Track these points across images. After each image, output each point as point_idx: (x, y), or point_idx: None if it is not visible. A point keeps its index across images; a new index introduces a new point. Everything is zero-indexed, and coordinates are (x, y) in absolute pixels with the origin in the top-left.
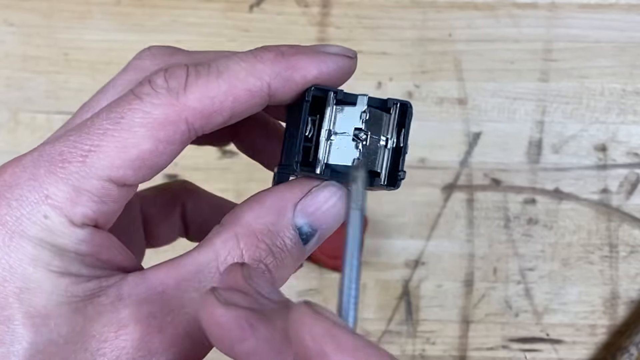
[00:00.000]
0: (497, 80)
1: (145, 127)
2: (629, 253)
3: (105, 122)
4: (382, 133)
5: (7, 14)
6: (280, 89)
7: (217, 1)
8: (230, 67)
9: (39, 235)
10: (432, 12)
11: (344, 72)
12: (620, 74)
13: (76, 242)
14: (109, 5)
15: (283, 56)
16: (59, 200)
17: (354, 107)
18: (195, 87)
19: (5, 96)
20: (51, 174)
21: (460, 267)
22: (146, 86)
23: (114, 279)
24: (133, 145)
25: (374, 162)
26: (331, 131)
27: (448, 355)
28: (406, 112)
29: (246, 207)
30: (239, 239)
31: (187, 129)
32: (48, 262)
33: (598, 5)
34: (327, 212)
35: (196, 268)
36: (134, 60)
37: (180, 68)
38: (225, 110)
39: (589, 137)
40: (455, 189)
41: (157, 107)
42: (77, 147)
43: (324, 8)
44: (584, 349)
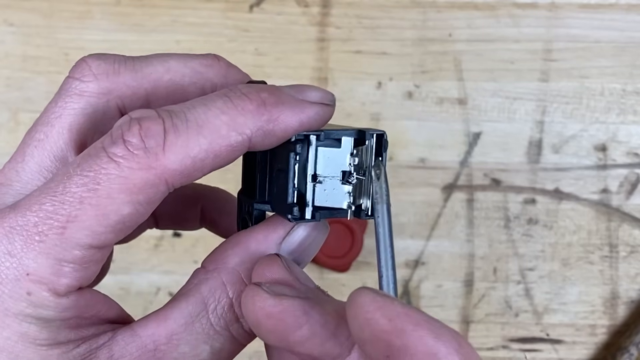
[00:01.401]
0: (497, 80)
1: (125, 193)
2: (629, 253)
3: (79, 189)
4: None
5: (7, 14)
6: (260, 142)
7: (217, 1)
8: (211, 120)
9: (23, 311)
10: (432, 12)
11: (323, 120)
12: (620, 74)
13: (62, 310)
14: (109, 5)
15: (265, 107)
16: (41, 275)
17: (338, 149)
18: (175, 147)
19: (5, 96)
20: (29, 249)
21: (460, 267)
22: (120, 146)
23: (103, 338)
24: (113, 212)
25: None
26: (316, 175)
27: None
28: (382, 142)
29: (230, 251)
30: (228, 287)
31: (167, 189)
32: (35, 336)
33: (598, 5)
34: (310, 246)
35: (186, 320)
36: (74, 82)
37: (157, 123)
38: (205, 167)
39: (589, 137)
40: (455, 189)
41: (135, 171)
42: (52, 218)
43: (324, 8)
44: (584, 349)
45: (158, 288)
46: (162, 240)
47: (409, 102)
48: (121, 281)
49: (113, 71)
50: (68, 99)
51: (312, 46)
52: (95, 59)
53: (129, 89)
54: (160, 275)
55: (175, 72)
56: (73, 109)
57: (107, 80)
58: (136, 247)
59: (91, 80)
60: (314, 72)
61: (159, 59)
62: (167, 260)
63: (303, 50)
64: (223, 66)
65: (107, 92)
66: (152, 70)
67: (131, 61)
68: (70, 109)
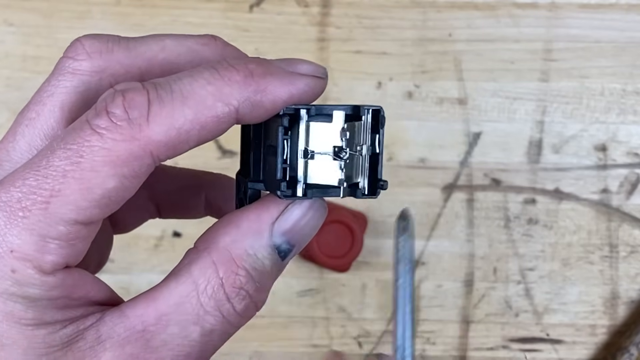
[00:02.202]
0: (497, 80)
1: (109, 166)
2: (629, 253)
3: (63, 162)
4: (359, 142)
5: (7, 14)
6: (248, 114)
7: (217, 1)
8: (196, 91)
9: (8, 290)
10: (432, 12)
11: (314, 93)
12: (620, 74)
13: (48, 289)
14: (109, 5)
15: (252, 77)
16: (25, 252)
17: (329, 123)
18: (159, 118)
19: (5, 96)
20: (13, 225)
21: (460, 267)
22: (104, 118)
23: (91, 319)
24: (97, 186)
25: (355, 174)
26: (307, 150)
27: (448, 355)
28: (378, 118)
29: (222, 230)
30: (218, 267)
31: (153, 161)
32: (21, 316)
33: (598, 5)
34: (305, 226)
35: (176, 301)
36: (68, 61)
37: (140, 94)
38: (191, 139)
39: (589, 137)
40: (455, 189)
41: (119, 143)
42: (35, 192)
43: (324, 8)
44: (584, 349)
45: None
46: (162, 240)
47: (409, 102)
48: (121, 281)
49: (107, 49)
50: (61, 77)
51: (312, 46)
52: (89, 38)
53: (122, 67)
54: (160, 276)
55: (171, 51)
56: (65, 87)
57: (100, 59)
58: (136, 247)
59: (84, 59)
60: None
61: (154, 38)
62: (167, 260)
63: (303, 50)
64: (220, 45)
65: (100, 70)
66: (146, 49)
67: (125, 40)
68: (63, 87)
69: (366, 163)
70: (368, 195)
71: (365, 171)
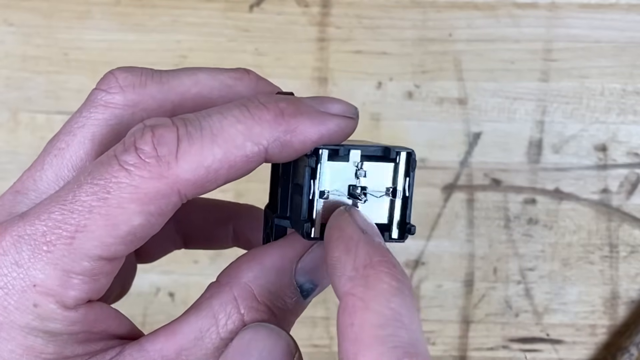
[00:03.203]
0: (497, 80)
1: (135, 203)
2: (629, 253)
3: (89, 197)
4: (385, 184)
5: (7, 14)
6: (277, 154)
7: (217, 1)
8: (226, 129)
9: (30, 324)
10: (432, 12)
11: (345, 133)
12: (620, 74)
13: (69, 324)
14: (109, 5)
15: (283, 117)
16: (48, 286)
17: (346, 162)
18: (188, 156)
19: (5, 96)
20: (37, 259)
21: (460, 267)
22: (132, 154)
23: (111, 353)
24: (123, 222)
25: (378, 215)
26: (324, 192)
27: (448, 355)
28: (409, 161)
29: (245, 265)
30: (239, 303)
31: (179, 199)
32: (41, 350)
33: (598, 5)
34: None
35: (195, 335)
36: (101, 93)
37: (170, 131)
38: (220, 178)
39: (589, 137)
40: (455, 189)
41: (146, 180)
42: (61, 227)
43: (324, 8)
44: (584, 349)
45: (158, 288)
46: None
47: (409, 102)
48: None
49: (140, 83)
50: (93, 110)
51: (312, 46)
52: (123, 71)
53: (155, 101)
54: (160, 276)
55: (204, 85)
56: (97, 120)
57: (133, 92)
58: None
59: (117, 92)
60: (314, 72)
61: (187, 72)
62: (167, 260)
63: (303, 50)
64: (253, 79)
65: (133, 104)
66: (179, 83)
67: (158, 74)
68: (94, 119)
69: (396, 206)
70: (395, 240)
71: (394, 214)
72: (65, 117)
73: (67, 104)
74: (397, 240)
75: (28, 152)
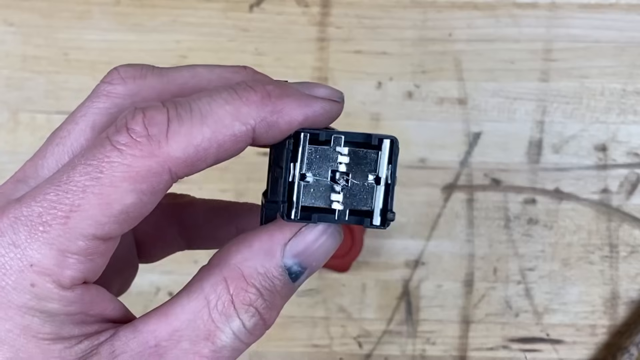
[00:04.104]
0: (497, 80)
1: (128, 181)
2: (629, 253)
3: (83, 177)
4: (368, 171)
5: (7, 14)
6: (264, 134)
7: (217, 1)
8: (214, 110)
9: (27, 304)
10: (432, 12)
11: (330, 116)
12: (620, 74)
13: (66, 304)
14: (108, 5)
15: (270, 98)
16: (45, 266)
17: (329, 147)
18: (178, 136)
19: (5, 96)
20: (33, 240)
21: (460, 267)
22: (124, 134)
23: (105, 335)
24: (116, 201)
25: (361, 202)
26: (305, 175)
27: (448, 355)
28: (393, 148)
29: (234, 248)
30: (228, 284)
31: (170, 178)
32: (38, 330)
33: (598, 5)
34: (317, 250)
35: (187, 317)
36: (103, 85)
37: (160, 112)
38: (209, 157)
39: (589, 137)
40: (455, 189)
41: (138, 159)
42: (56, 207)
43: (324, 8)
44: (584, 349)
45: (158, 288)
46: None
47: (409, 102)
48: None
49: (140, 75)
50: (95, 99)
51: (312, 46)
52: (125, 66)
53: (154, 91)
54: (160, 275)
55: (202, 77)
56: (98, 108)
57: (133, 83)
58: None
59: (119, 83)
60: (314, 72)
61: (185, 67)
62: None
63: (303, 50)
64: (250, 72)
65: (133, 94)
66: (178, 76)
67: (159, 68)
68: (96, 107)
69: (378, 193)
70: (377, 226)
71: (375, 201)
72: (65, 117)
73: (67, 104)
74: (379, 226)
75: (28, 152)
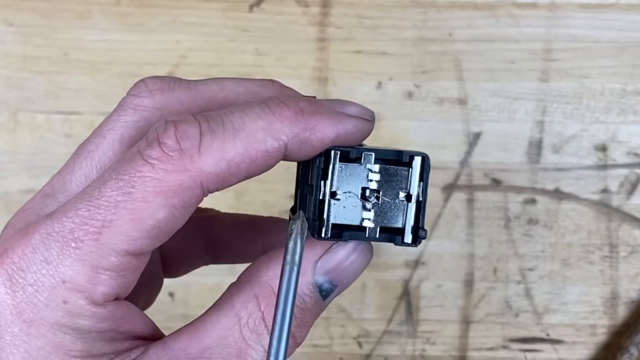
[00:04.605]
0: (497, 80)
1: (160, 196)
2: (629, 253)
3: (114, 192)
4: (399, 188)
5: (7, 14)
6: (296, 150)
7: (217, 1)
8: (247, 125)
9: (59, 321)
10: (432, 12)
11: (361, 134)
12: (621, 74)
13: (98, 321)
14: (108, 5)
15: (303, 115)
16: (77, 283)
17: (360, 164)
18: (211, 150)
19: (5, 96)
20: (65, 256)
21: (460, 267)
22: (155, 148)
23: (136, 352)
24: (148, 216)
25: (392, 219)
26: (335, 192)
27: (448, 355)
28: (424, 165)
29: (264, 265)
30: (260, 301)
31: (202, 192)
32: (70, 347)
33: (598, 5)
34: (348, 267)
35: (218, 334)
36: (131, 98)
37: (192, 126)
38: (241, 173)
39: (589, 137)
40: (455, 189)
41: (170, 173)
42: (88, 223)
43: (324, 8)
44: (584, 349)
45: None
46: None
47: (409, 102)
48: None
49: (168, 88)
50: (122, 113)
51: (312, 46)
52: (153, 78)
53: (182, 104)
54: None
55: (230, 90)
56: (126, 122)
57: (161, 96)
58: None
59: (146, 96)
60: (314, 72)
61: (213, 80)
62: None
63: (303, 50)
64: (277, 86)
65: (161, 107)
66: (206, 89)
67: (186, 81)
68: (123, 121)
69: (409, 210)
70: (408, 244)
71: (407, 219)
72: (65, 117)
73: (67, 104)
74: (410, 244)
75: (28, 152)
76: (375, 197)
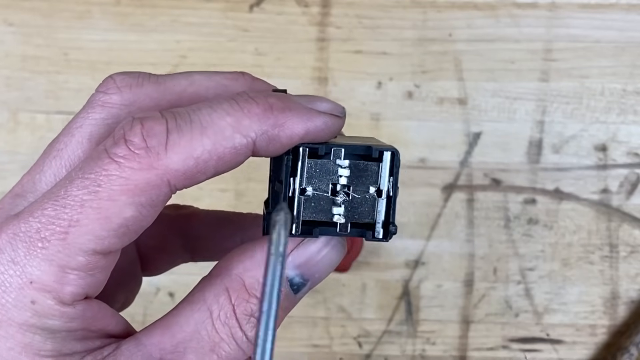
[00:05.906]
0: (497, 80)
1: (126, 195)
2: (629, 253)
3: (81, 191)
4: (370, 183)
5: (7, 14)
6: (264, 147)
7: (217, 1)
8: (215, 121)
9: (28, 321)
10: (432, 12)
11: (331, 131)
12: (620, 74)
13: (67, 320)
14: (108, 5)
15: (272, 111)
16: (45, 282)
17: (329, 160)
18: (178, 147)
19: (5, 96)
20: (32, 256)
21: (460, 267)
22: (122, 146)
23: (108, 349)
24: (115, 215)
25: (363, 214)
26: (305, 189)
27: (448, 355)
28: (394, 160)
29: (235, 258)
30: (230, 294)
31: (169, 190)
32: (40, 347)
33: (598, 5)
34: (320, 262)
35: (192, 328)
36: (99, 94)
37: (159, 123)
38: (209, 170)
39: (589, 137)
40: (455, 189)
41: (136, 171)
42: (54, 223)
43: (324, 8)
44: (584, 349)
45: (158, 288)
46: None
47: (409, 102)
48: None
49: (136, 84)
50: (90, 110)
51: (312, 46)
52: (121, 74)
53: (151, 100)
54: (159, 276)
55: (199, 85)
56: (94, 119)
57: (129, 92)
58: None
59: (114, 92)
60: (314, 72)
61: (182, 74)
62: None
63: (303, 50)
64: (248, 79)
65: (130, 103)
66: (175, 83)
67: (155, 76)
68: (92, 119)
69: (380, 205)
70: (379, 239)
71: (377, 214)
72: (65, 117)
73: (67, 104)
74: (381, 239)
75: (28, 152)
76: (344, 192)
